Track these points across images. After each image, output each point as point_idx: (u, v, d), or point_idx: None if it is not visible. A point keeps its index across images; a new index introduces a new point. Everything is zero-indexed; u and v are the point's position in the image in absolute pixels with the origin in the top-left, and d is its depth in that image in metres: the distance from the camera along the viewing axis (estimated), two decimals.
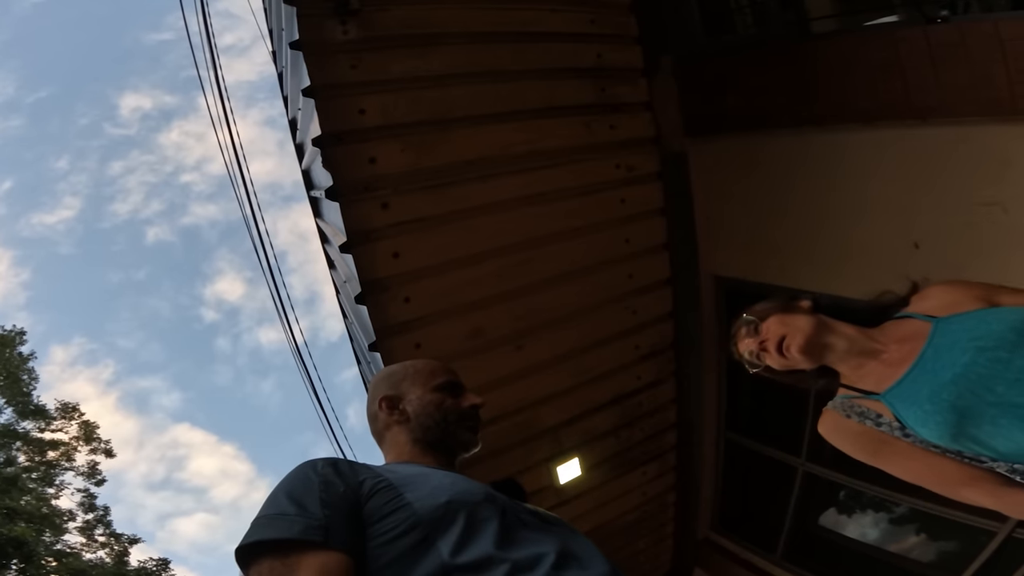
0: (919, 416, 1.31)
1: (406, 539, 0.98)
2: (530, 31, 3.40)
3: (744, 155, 3.84)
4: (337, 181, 3.03)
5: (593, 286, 3.92)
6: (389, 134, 3.13)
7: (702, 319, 4.46)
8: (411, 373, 1.44)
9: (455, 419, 1.36)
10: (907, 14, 3.02)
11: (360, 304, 3.22)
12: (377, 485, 1.06)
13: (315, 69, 2.88)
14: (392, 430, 1.37)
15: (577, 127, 3.64)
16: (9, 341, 15.96)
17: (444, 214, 3.33)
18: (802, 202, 3.53)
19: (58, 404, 16.64)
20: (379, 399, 1.40)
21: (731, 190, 4.01)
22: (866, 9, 3.34)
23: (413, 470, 1.19)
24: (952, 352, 1.31)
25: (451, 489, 1.06)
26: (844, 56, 3.13)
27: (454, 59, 3.23)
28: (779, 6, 3.60)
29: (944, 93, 2.79)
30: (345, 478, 1.05)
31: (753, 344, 1.60)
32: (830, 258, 3.47)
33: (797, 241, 3.69)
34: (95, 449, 16.78)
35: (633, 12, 3.75)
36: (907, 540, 4.21)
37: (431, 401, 1.37)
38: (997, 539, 3.39)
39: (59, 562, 14.42)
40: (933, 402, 1.28)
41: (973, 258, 2.87)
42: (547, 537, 1.06)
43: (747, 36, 3.93)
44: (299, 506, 0.98)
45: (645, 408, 4.58)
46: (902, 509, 4.10)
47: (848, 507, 4.63)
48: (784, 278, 3.76)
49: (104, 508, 16.35)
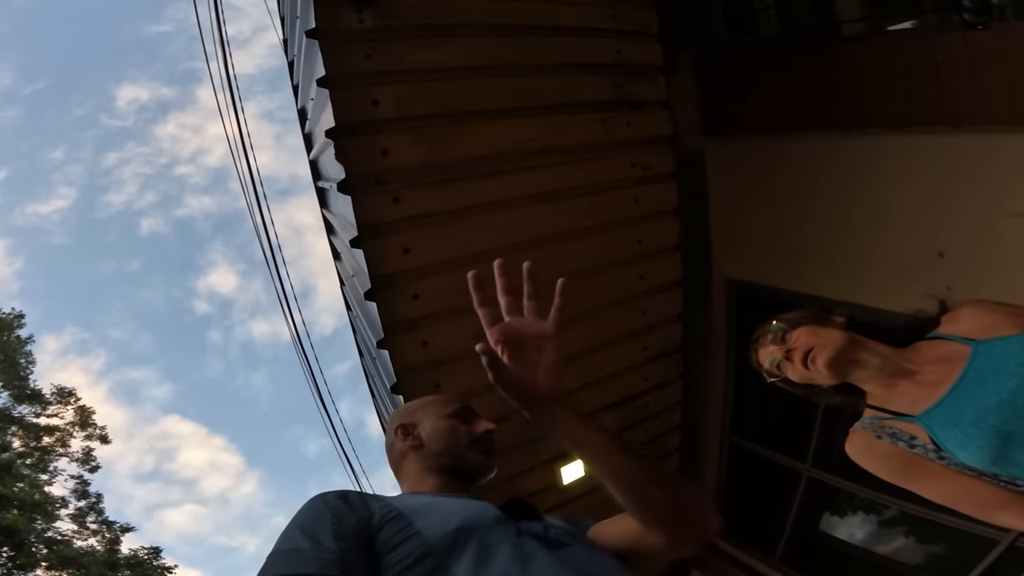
0: (961, 439, 1.28)
1: (420, 567, 0.98)
2: (549, 25, 3.34)
3: (764, 157, 3.78)
4: (349, 174, 2.97)
5: (603, 286, 3.87)
6: (402, 126, 3.07)
7: (712, 322, 4.42)
8: (426, 404, 1.49)
9: (467, 443, 1.38)
10: (946, 19, 2.96)
11: (369, 300, 3.16)
12: (387, 515, 1.06)
13: (330, 58, 2.82)
14: (408, 458, 1.40)
15: (593, 124, 3.59)
16: (8, 324, 15.98)
17: (455, 209, 3.27)
18: (824, 207, 3.47)
19: (54, 389, 16.65)
20: (395, 427, 1.44)
21: (749, 192, 3.96)
22: (900, 13, 3.28)
23: (424, 499, 1.20)
24: (997, 377, 1.28)
25: (461, 515, 1.07)
26: (876, 59, 3.06)
27: (470, 51, 3.16)
28: (808, 7, 3.54)
29: (980, 100, 2.73)
30: (356, 510, 1.06)
31: (778, 352, 1.57)
32: (852, 265, 3.40)
33: (817, 247, 3.63)
34: (90, 435, 16.77)
35: (654, 9, 3.69)
36: (906, 547, 4.20)
37: (444, 427, 1.40)
38: (999, 548, 3.37)
39: (50, 550, 14.44)
40: (978, 426, 1.26)
41: (995, 270, 2.82)
42: (562, 558, 1.05)
43: (772, 36, 3.86)
44: (313, 540, 0.97)
45: (651, 410, 4.55)
46: (902, 517, 4.07)
47: (851, 513, 4.61)
48: (801, 284, 3.71)
49: (97, 495, 16.41)
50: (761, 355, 1.62)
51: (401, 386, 3.38)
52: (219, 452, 53.11)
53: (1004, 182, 2.79)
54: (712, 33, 3.98)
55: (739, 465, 4.97)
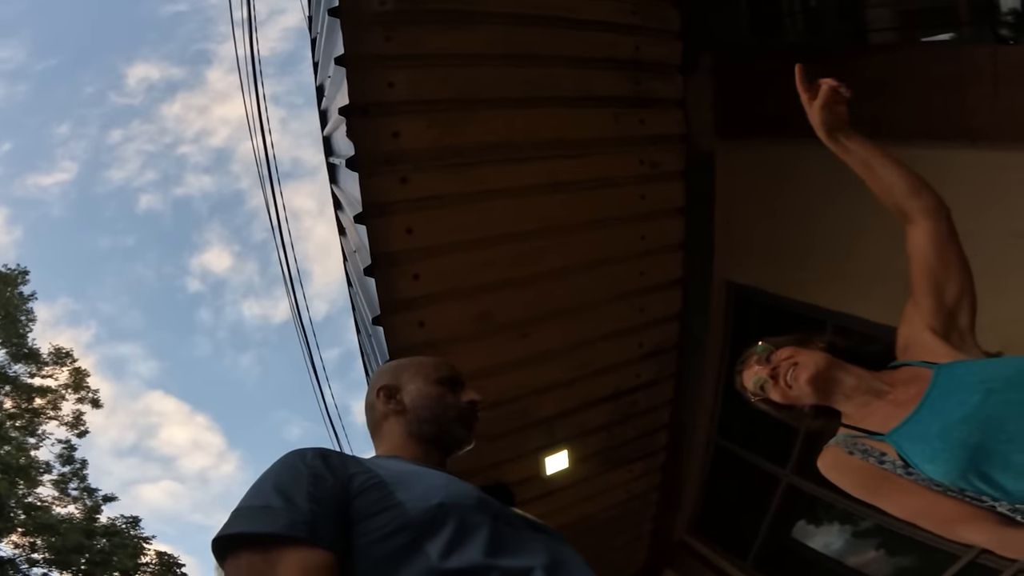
0: (928, 453, 1.34)
1: (394, 540, 0.95)
2: (570, 17, 3.32)
3: (777, 162, 3.77)
4: (359, 152, 2.98)
5: (604, 280, 3.89)
6: (416, 109, 3.08)
7: (709, 323, 4.44)
8: (414, 365, 1.42)
9: (454, 415, 1.33)
10: (978, 32, 2.94)
11: (368, 276, 3.19)
12: (368, 481, 1.02)
13: (350, 38, 2.82)
14: (388, 421, 1.34)
15: (605, 118, 3.59)
16: (11, 280, 15.45)
17: (462, 194, 3.29)
18: (832, 217, 3.45)
19: (52, 348, 16.17)
20: (378, 388, 1.37)
21: (757, 196, 3.96)
22: (931, 24, 3.24)
23: (406, 467, 1.16)
24: (960, 393, 1.35)
25: (444, 491, 1.04)
26: (901, 70, 3.04)
27: (489, 39, 3.16)
28: (838, 15, 3.51)
29: (1000, 117, 2.71)
30: (335, 472, 1.02)
31: (764, 371, 1.62)
32: (855, 277, 3.41)
33: (822, 256, 3.63)
34: (82, 399, 16.31)
35: (676, 6, 3.67)
36: (875, 559, 4.26)
37: (430, 394, 1.34)
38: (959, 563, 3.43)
39: (28, 515, 14.09)
40: (943, 439, 1.32)
41: (999, 291, 2.81)
42: (537, 546, 1.04)
43: (798, 41, 3.83)
44: (286, 499, 0.94)
45: (640, 407, 4.59)
46: (873, 528, 4.14)
47: (823, 522, 4.68)
48: (802, 292, 3.73)
49: (82, 461, 15.90)
50: (746, 376, 1.67)
51: None
52: (201, 431, 52.72)
53: (1015, 200, 2.79)
54: (736, 34, 3.96)
55: (722, 466, 5.02)
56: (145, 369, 51.13)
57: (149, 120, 55.53)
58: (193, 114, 58.84)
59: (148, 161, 53.64)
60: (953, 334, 1.53)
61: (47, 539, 14.13)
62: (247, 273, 57.31)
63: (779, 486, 4.49)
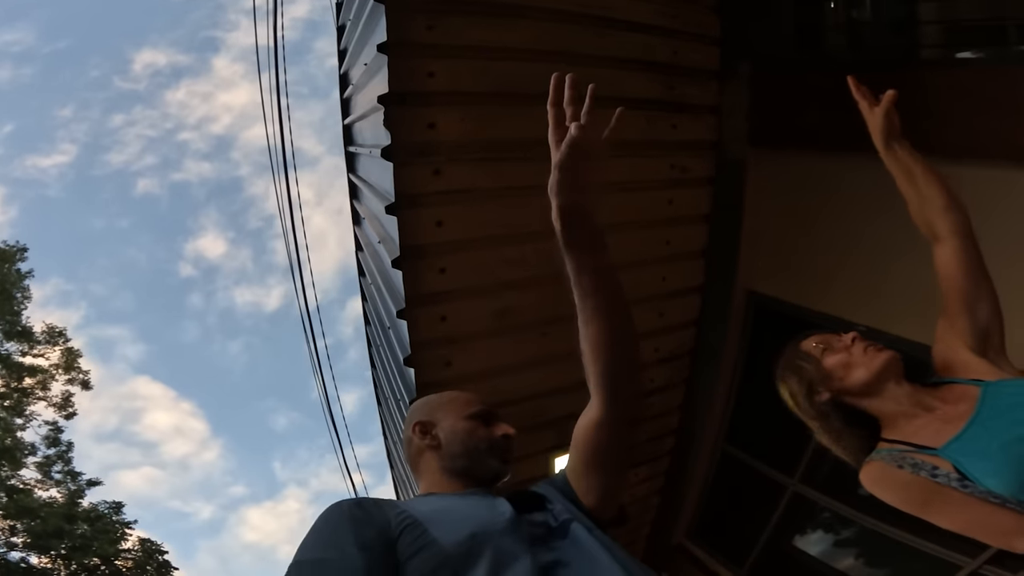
0: (990, 468, 1.34)
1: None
2: (611, 17, 3.30)
3: (808, 174, 3.75)
4: (395, 141, 2.95)
5: (626, 283, 3.83)
6: (453, 101, 3.04)
7: (727, 331, 4.43)
8: (446, 402, 1.49)
9: (485, 448, 1.39)
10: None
11: (396, 268, 3.15)
12: (403, 522, 1.07)
13: (393, 25, 2.78)
14: (424, 456, 1.41)
15: (638, 121, 3.57)
16: (10, 256, 15.30)
17: (494, 189, 3.25)
18: (861, 232, 3.43)
19: (45, 327, 16.08)
20: (414, 424, 1.45)
21: (786, 207, 3.94)
22: (981, 43, 3.22)
23: (436, 503, 1.21)
24: (1015, 412, 1.38)
25: (474, 521, 1.09)
26: (952, 88, 3.01)
27: (531, 35, 3.13)
28: (884, 31, 3.48)
29: None
30: (374, 517, 1.07)
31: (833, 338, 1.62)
32: (883, 295, 3.39)
33: (848, 270, 3.61)
34: (72, 380, 16.17)
35: (717, 13, 3.66)
36: (874, 570, 4.27)
37: (463, 429, 1.41)
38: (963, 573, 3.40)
39: (10, 498, 13.98)
40: (1005, 454, 1.33)
41: None
42: None
43: (841, 56, 3.80)
44: (338, 550, 0.99)
45: (651, 411, 4.57)
46: (874, 539, 4.10)
47: (825, 532, 4.66)
48: (825, 305, 3.70)
49: (68, 444, 15.83)
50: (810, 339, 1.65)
51: (414, 359, 3.38)
52: (185, 417, 52.81)
53: None
54: (776, 45, 3.94)
55: (727, 473, 5.02)
56: (132, 352, 51.12)
57: (152, 106, 55.53)
58: (197, 100, 58.73)
59: (148, 146, 53.64)
60: (989, 352, 1.56)
61: (27, 523, 14.01)
62: (240, 260, 57.14)
63: (784, 495, 4.48)
